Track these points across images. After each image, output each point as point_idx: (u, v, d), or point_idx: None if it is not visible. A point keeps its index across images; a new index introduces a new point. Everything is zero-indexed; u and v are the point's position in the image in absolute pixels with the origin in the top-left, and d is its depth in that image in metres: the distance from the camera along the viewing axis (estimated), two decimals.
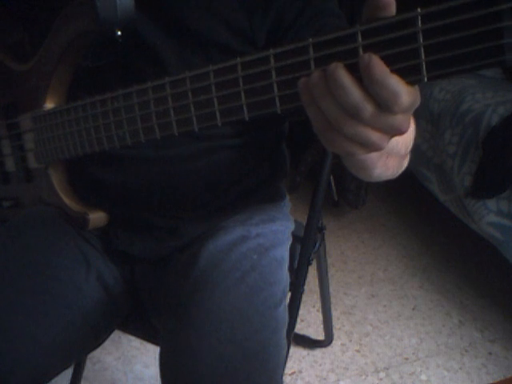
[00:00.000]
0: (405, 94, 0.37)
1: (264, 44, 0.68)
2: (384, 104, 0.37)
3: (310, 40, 0.41)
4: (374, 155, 0.47)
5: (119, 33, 0.60)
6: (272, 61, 0.44)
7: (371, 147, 0.40)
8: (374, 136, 0.39)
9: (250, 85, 0.46)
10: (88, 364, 1.32)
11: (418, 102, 0.38)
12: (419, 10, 0.36)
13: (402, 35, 0.37)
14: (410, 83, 0.38)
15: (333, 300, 1.45)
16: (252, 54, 0.45)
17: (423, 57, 0.37)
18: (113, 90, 0.59)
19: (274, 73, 0.44)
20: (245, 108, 0.47)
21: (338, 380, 1.35)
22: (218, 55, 0.68)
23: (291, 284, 0.90)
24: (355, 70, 0.38)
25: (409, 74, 0.38)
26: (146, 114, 0.56)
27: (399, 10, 0.37)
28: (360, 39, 0.39)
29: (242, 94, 0.47)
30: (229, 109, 0.48)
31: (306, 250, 0.96)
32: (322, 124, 0.40)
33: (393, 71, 0.37)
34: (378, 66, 0.36)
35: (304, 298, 0.97)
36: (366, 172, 0.53)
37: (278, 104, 0.45)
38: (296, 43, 0.42)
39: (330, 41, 0.40)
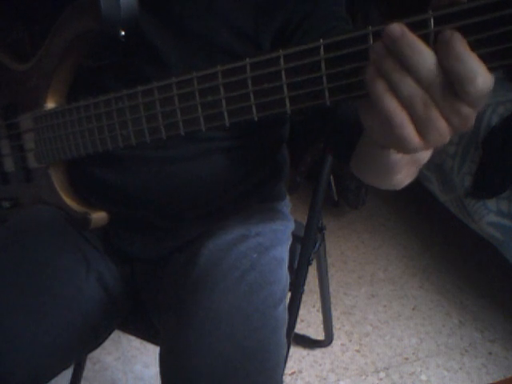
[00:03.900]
0: (482, 74, 0.35)
1: (268, 47, 0.67)
2: (458, 82, 0.35)
3: (321, 41, 0.41)
4: (406, 158, 0.45)
5: (123, 33, 0.59)
6: (282, 62, 0.43)
7: (435, 136, 0.37)
8: (442, 123, 0.37)
9: (259, 86, 0.45)
10: (88, 364, 1.32)
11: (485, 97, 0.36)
12: (431, 12, 0.35)
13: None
14: None
15: (333, 300, 1.45)
16: (261, 54, 0.45)
17: None
18: (114, 90, 0.59)
19: (283, 74, 0.43)
20: (254, 108, 0.47)
21: (338, 380, 1.35)
22: (220, 56, 0.67)
23: (291, 284, 0.90)
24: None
25: None
26: (152, 114, 0.55)
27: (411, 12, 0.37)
28: (371, 41, 0.38)
29: (251, 95, 0.46)
30: (237, 109, 0.48)
31: (306, 250, 0.96)
32: (397, 118, 0.37)
33: None
34: (461, 41, 0.35)
35: (304, 297, 0.97)
36: (387, 177, 0.50)
37: (287, 105, 0.44)
38: (306, 44, 0.42)
39: (341, 42, 0.40)
